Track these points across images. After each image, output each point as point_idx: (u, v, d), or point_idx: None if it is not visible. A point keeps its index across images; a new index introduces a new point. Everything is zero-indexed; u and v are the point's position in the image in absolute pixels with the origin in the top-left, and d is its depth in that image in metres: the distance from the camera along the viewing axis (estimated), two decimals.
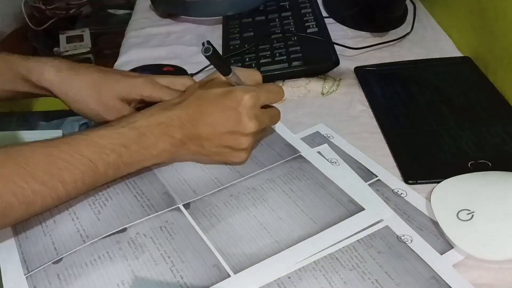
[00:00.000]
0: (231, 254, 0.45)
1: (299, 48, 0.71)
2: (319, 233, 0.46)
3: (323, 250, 0.45)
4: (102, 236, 0.47)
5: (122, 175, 0.50)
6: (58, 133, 1.23)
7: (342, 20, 0.83)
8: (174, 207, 0.50)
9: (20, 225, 0.49)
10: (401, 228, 0.46)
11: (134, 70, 0.71)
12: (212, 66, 0.73)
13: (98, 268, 0.44)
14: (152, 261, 0.44)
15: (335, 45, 0.71)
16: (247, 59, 0.71)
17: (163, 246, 0.46)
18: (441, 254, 0.44)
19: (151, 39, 0.84)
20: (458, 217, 0.46)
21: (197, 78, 0.72)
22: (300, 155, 0.55)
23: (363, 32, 0.80)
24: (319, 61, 0.69)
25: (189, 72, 0.72)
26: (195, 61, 0.74)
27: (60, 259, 0.45)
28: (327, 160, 0.55)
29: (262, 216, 0.48)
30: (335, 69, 0.70)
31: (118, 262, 0.44)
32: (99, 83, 0.55)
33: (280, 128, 0.59)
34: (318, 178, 0.52)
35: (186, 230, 0.47)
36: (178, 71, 0.71)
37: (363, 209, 0.48)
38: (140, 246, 0.46)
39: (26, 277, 0.44)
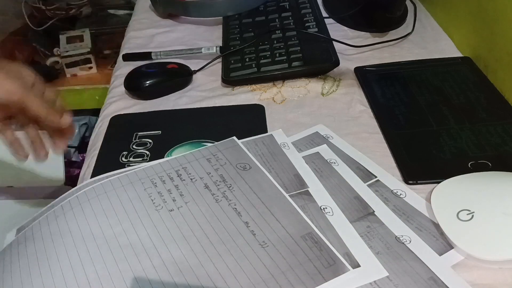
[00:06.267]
0: None
1: (299, 48, 0.70)
2: None
3: None
4: None
5: None
6: None
7: (342, 20, 0.83)
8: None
9: None
10: (400, 228, 0.46)
11: (138, 68, 0.72)
12: (212, 64, 0.73)
13: None
14: None
15: (334, 46, 0.71)
16: (247, 59, 0.71)
17: None
18: (440, 255, 0.44)
19: (151, 39, 0.84)
20: (458, 217, 0.46)
21: (198, 76, 0.72)
22: (307, 191, 0.51)
23: (363, 32, 0.80)
24: (319, 62, 0.69)
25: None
26: (195, 61, 0.75)
27: None
28: (326, 160, 0.55)
29: None
30: (335, 69, 0.70)
31: None
32: None
33: (293, 156, 0.55)
34: (318, 220, 0.47)
35: None
36: (182, 68, 0.72)
37: (358, 265, 0.43)
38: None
39: None
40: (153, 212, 0.48)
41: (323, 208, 0.49)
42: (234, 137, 0.58)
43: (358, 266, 0.43)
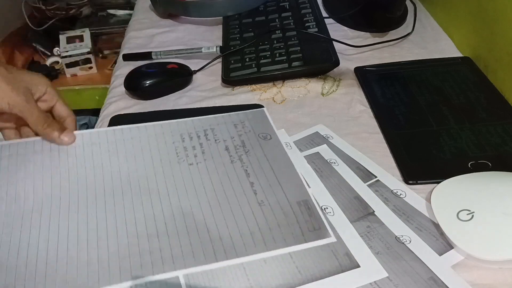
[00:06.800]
0: None
1: (299, 48, 0.70)
2: (299, 286, 0.42)
3: None
4: None
5: None
6: None
7: (342, 20, 0.83)
8: None
9: None
10: (400, 228, 0.46)
11: (138, 68, 0.72)
12: (212, 64, 0.73)
13: None
14: None
15: (334, 46, 0.71)
16: (247, 59, 0.71)
17: None
18: (440, 255, 0.44)
19: (151, 39, 0.84)
20: (458, 217, 0.46)
21: (198, 76, 0.72)
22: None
23: (363, 32, 0.80)
24: (319, 62, 0.69)
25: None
26: (195, 61, 0.75)
27: None
28: (326, 160, 0.55)
29: None
30: (335, 69, 0.70)
31: None
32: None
33: (295, 156, 0.55)
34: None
35: None
36: (182, 68, 0.72)
37: (358, 266, 0.43)
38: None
39: None
40: (175, 164, 0.54)
41: (324, 208, 0.49)
42: (264, 108, 0.63)
43: (358, 266, 0.43)
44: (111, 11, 1.41)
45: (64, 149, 0.56)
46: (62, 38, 1.24)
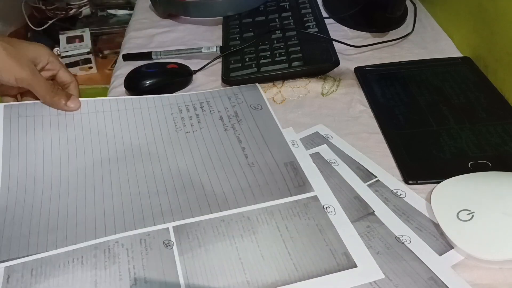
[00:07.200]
0: (196, 286, 0.42)
1: (299, 48, 0.70)
2: (295, 283, 0.42)
3: None
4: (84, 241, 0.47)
5: None
6: None
7: (342, 20, 0.83)
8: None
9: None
10: (400, 228, 0.46)
11: (138, 68, 0.72)
12: (212, 64, 0.73)
13: (67, 272, 0.44)
14: (118, 275, 0.43)
15: (334, 46, 0.71)
16: (247, 59, 0.71)
17: (135, 260, 0.45)
18: (440, 255, 0.44)
19: (151, 40, 0.84)
20: (458, 217, 0.46)
21: (198, 76, 0.72)
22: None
23: (363, 32, 0.80)
24: (319, 62, 0.69)
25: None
26: (195, 61, 0.75)
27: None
28: (326, 160, 0.55)
29: (244, 251, 0.45)
30: (335, 69, 0.70)
31: (87, 270, 0.44)
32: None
33: (302, 154, 0.56)
34: (319, 220, 0.48)
35: (162, 247, 0.46)
36: (182, 68, 0.72)
37: (355, 266, 0.44)
38: (113, 257, 0.45)
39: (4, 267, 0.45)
40: (173, 132, 0.59)
41: (326, 208, 0.49)
42: (257, 84, 0.68)
43: (355, 266, 0.43)
44: (111, 11, 1.41)
45: (70, 114, 0.60)
46: (62, 38, 1.25)
